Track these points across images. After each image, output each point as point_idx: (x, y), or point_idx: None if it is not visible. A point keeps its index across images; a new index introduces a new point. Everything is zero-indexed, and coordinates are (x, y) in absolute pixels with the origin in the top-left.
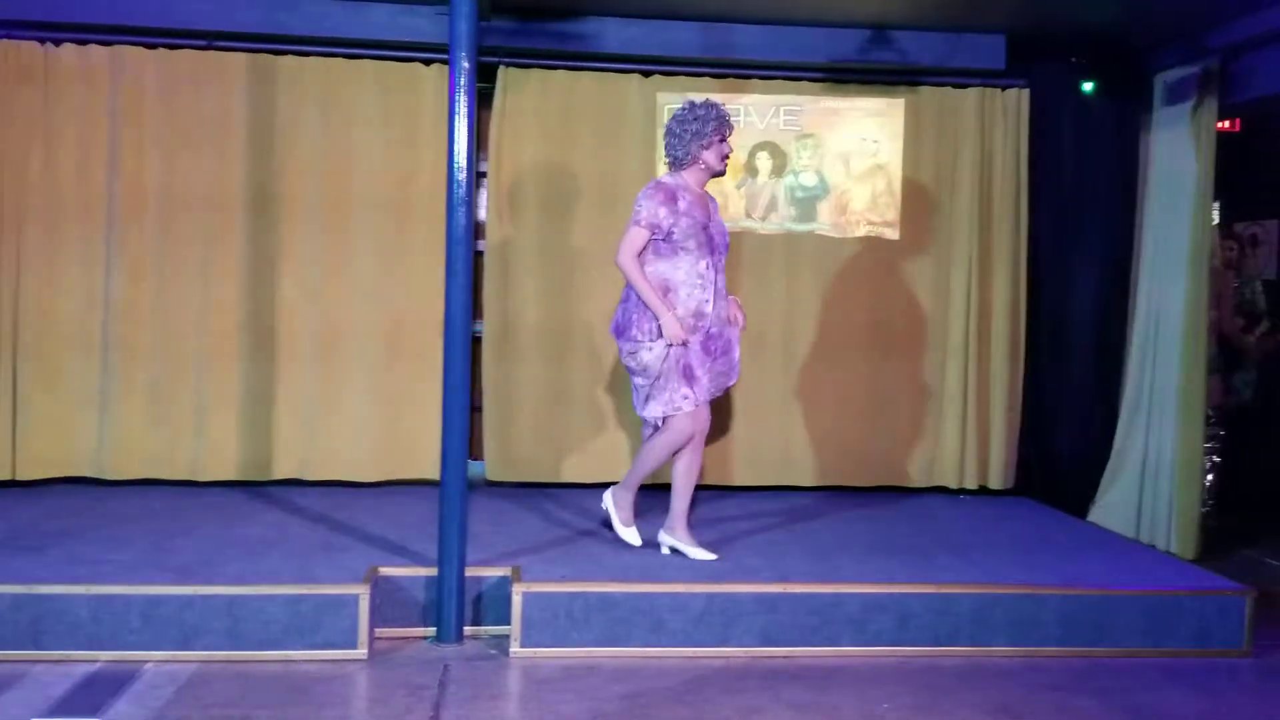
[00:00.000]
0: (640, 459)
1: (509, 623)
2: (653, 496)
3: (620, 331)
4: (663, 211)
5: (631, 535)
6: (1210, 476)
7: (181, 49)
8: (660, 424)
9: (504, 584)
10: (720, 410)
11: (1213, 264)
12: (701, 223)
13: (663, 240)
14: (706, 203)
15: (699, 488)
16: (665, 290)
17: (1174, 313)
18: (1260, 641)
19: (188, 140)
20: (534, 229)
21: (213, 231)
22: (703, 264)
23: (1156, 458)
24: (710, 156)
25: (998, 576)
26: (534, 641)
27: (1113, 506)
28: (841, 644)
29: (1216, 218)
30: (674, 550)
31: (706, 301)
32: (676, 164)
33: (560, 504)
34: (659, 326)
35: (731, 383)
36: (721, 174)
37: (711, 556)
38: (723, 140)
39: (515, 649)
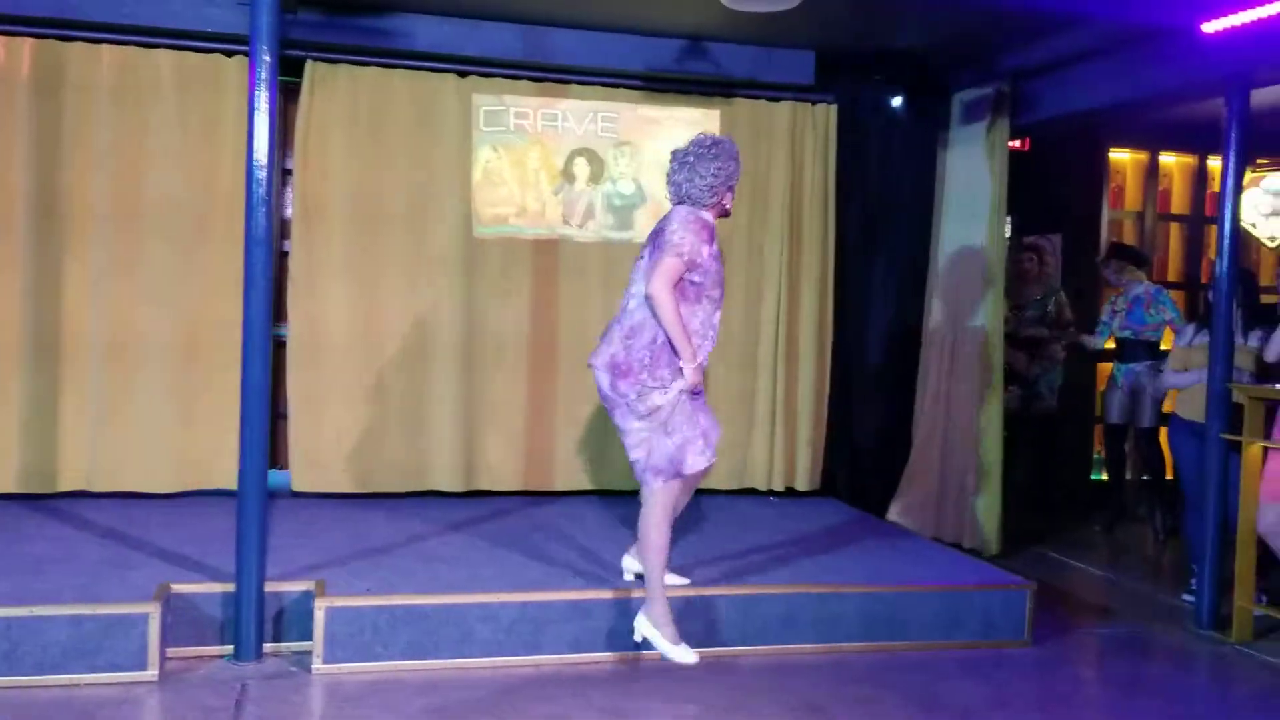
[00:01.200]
0: (645, 562)
1: (311, 639)
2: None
3: (624, 371)
4: (705, 251)
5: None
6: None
7: None
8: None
9: (306, 599)
10: (538, 417)
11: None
12: (722, 270)
13: (690, 282)
14: None
15: (516, 493)
16: None
17: (969, 321)
18: (1041, 630)
19: None
20: (342, 230)
21: None
22: (716, 317)
23: (955, 460)
24: (729, 201)
25: (803, 576)
26: (338, 657)
27: (911, 506)
28: (652, 648)
29: (1009, 232)
30: (646, 641)
31: (706, 356)
32: (693, 203)
33: (369, 515)
34: (675, 371)
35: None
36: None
37: (692, 659)
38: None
39: (318, 666)
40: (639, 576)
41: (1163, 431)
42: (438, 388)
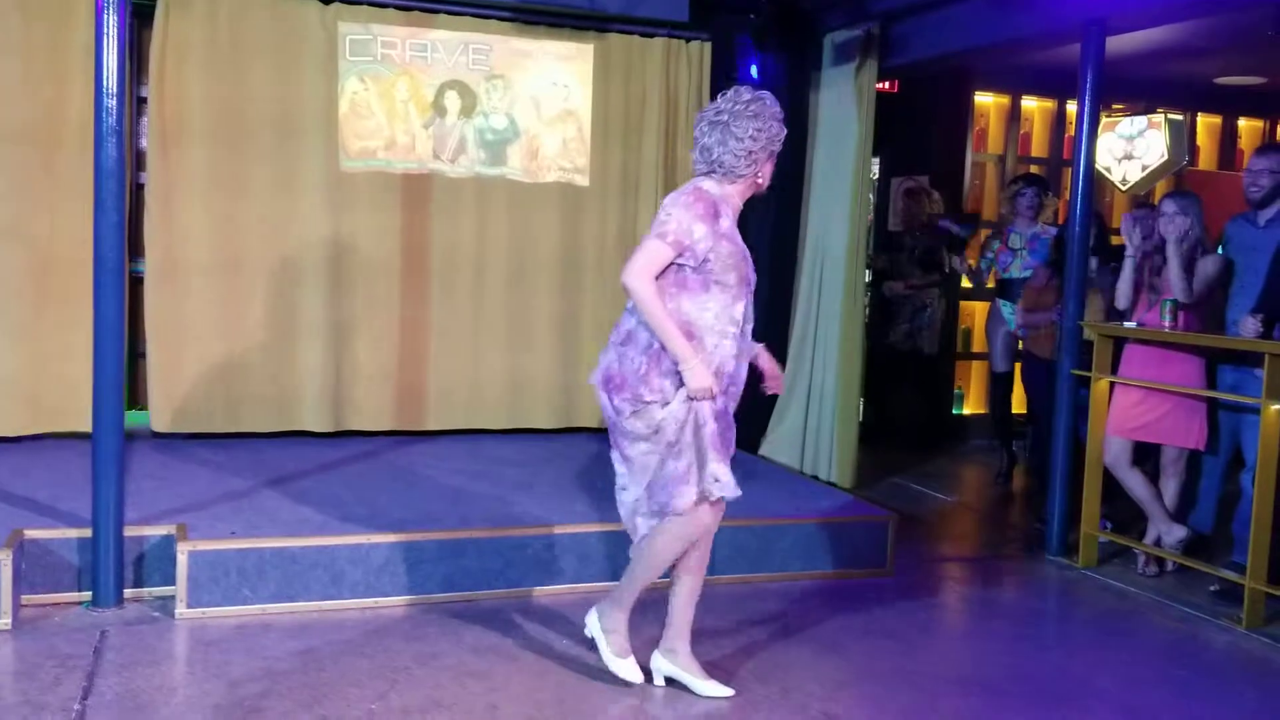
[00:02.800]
0: (639, 564)
1: (174, 583)
2: None
3: (617, 385)
4: (700, 230)
5: (629, 670)
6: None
7: None
8: (666, 509)
9: (168, 543)
10: (411, 355)
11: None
12: (744, 251)
13: (693, 270)
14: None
15: (388, 433)
16: (685, 336)
17: (837, 258)
18: (902, 560)
19: None
20: (202, 161)
21: None
22: (739, 307)
23: (820, 393)
24: (767, 174)
25: None
26: (202, 602)
27: (781, 440)
28: (526, 585)
29: (876, 173)
30: (671, 681)
31: (733, 358)
32: (726, 172)
33: (233, 456)
34: (677, 379)
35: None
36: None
37: (727, 692)
38: (774, 154)
39: (181, 611)
40: (670, 680)
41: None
42: (304, 325)
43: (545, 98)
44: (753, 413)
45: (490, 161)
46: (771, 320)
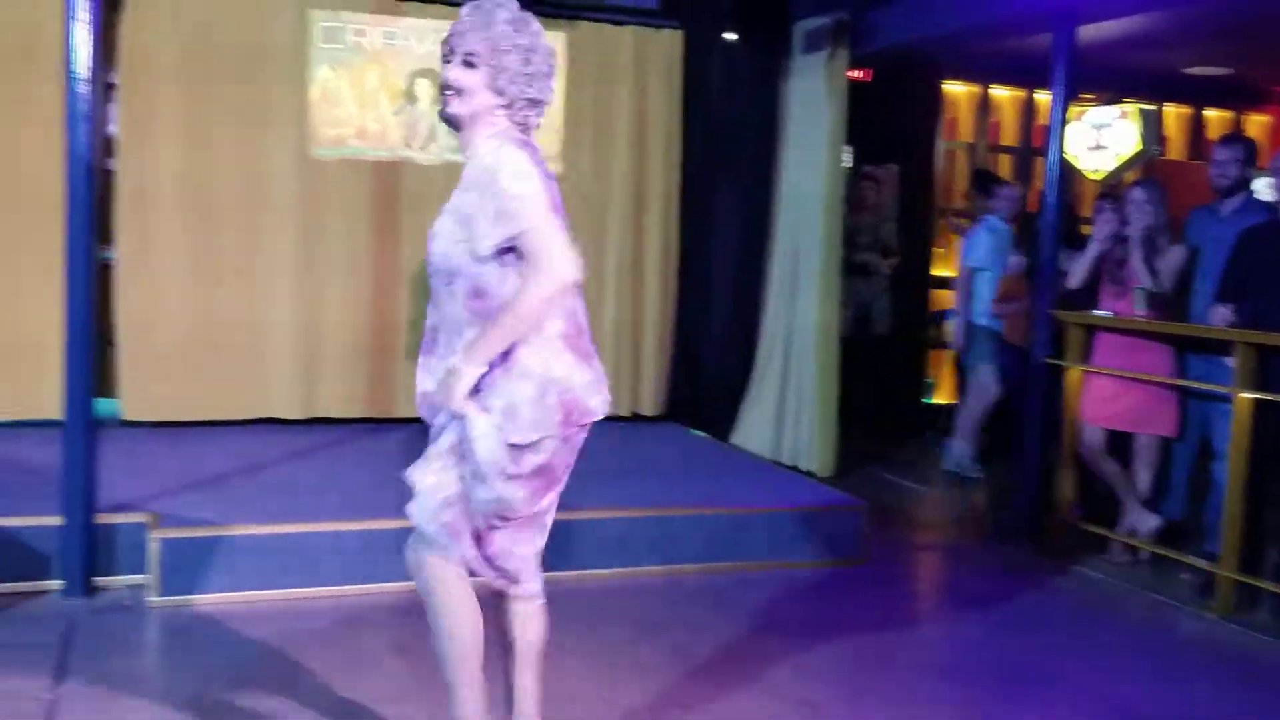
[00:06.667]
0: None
1: (145, 571)
2: None
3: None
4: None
5: None
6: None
7: None
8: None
9: (139, 530)
10: (381, 344)
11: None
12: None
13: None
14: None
15: (360, 420)
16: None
17: (810, 247)
18: (876, 549)
19: None
20: (172, 147)
21: None
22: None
23: (797, 383)
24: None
25: (645, 500)
26: (174, 590)
27: (752, 429)
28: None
29: (849, 161)
30: None
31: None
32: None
33: (205, 444)
34: None
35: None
36: (445, 118)
37: None
38: (444, 58)
39: (153, 599)
40: None
41: None
42: (276, 312)
43: None
44: (725, 403)
45: (460, 149)
46: (742, 308)
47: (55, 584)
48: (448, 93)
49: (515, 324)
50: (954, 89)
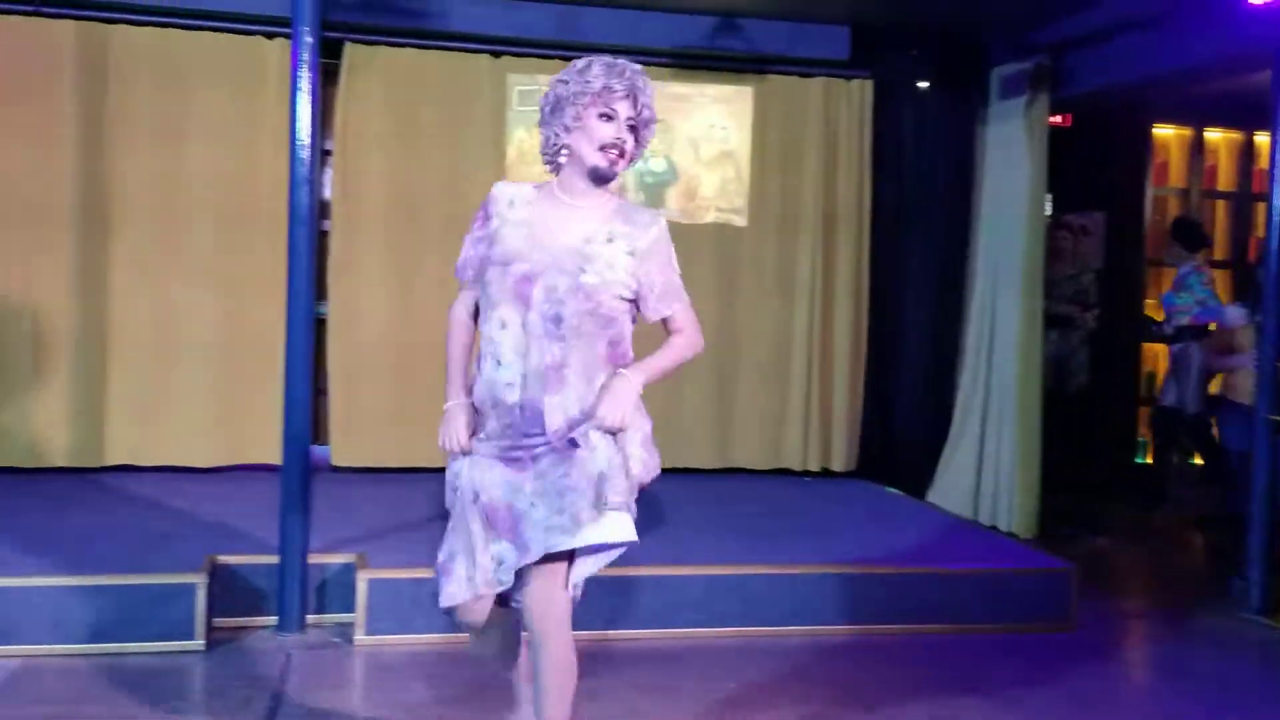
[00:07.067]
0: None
1: (353, 610)
2: None
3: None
4: (466, 244)
5: None
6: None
7: (7, 14)
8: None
9: (348, 571)
10: None
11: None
12: (517, 251)
13: (475, 283)
14: (571, 225)
15: None
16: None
17: (1010, 299)
18: (1083, 614)
19: (12, 108)
20: (380, 209)
21: (39, 208)
22: (507, 326)
23: (996, 440)
24: (599, 135)
25: (838, 556)
26: (379, 629)
27: (949, 487)
28: (686, 625)
29: (1049, 210)
30: None
31: (499, 384)
32: (548, 162)
33: (408, 488)
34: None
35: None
36: (600, 173)
37: None
38: (605, 115)
39: (360, 637)
40: None
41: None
42: None
43: (704, 140)
44: (918, 459)
45: (649, 204)
46: (937, 361)
47: (270, 620)
48: (614, 153)
49: (670, 366)
50: (1164, 132)
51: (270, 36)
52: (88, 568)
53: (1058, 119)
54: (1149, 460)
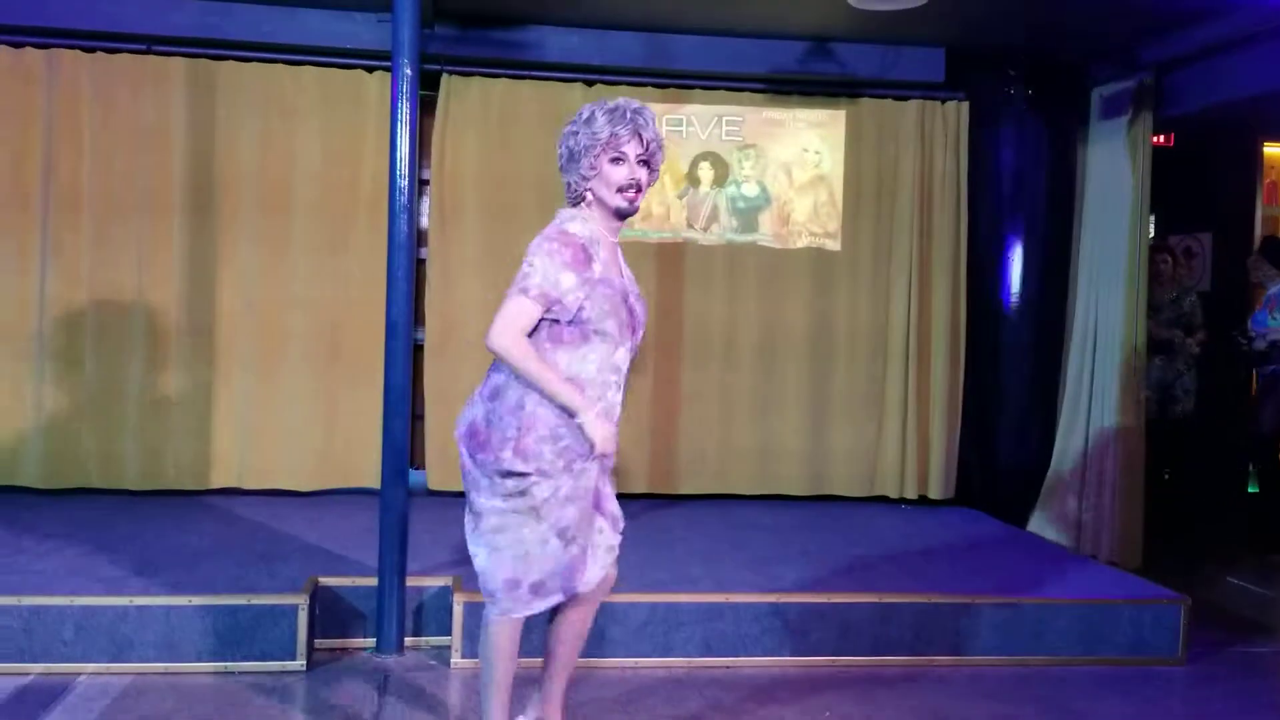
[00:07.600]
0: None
1: (450, 633)
2: None
3: (481, 443)
4: (569, 280)
5: None
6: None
7: (119, 53)
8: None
9: (445, 594)
10: (663, 420)
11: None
12: (624, 293)
13: (568, 323)
14: (618, 258)
15: (641, 496)
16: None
17: (1112, 325)
18: (1194, 648)
19: (125, 144)
20: (476, 236)
21: (150, 236)
22: (619, 356)
23: (1098, 469)
24: (614, 179)
25: (937, 586)
26: (475, 652)
27: (1053, 516)
28: (782, 654)
29: (1152, 231)
30: None
31: (619, 408)
32: (573, 199)
33: None
34: (560, 443)
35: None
36: (623, 212)
37: None
38: (616, 159)
39: (456, 660)
40: None
41: None
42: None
43: (796, 164)
44: (1019, 488)
45: (741, 229)
46: (1037, 387)
47: (369, 642)
48: (632, 191)
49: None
50: (1274, 150)
51: (370, 70)
52: (195, 588)
53: (1160, 138)
54: (1258, 489)
